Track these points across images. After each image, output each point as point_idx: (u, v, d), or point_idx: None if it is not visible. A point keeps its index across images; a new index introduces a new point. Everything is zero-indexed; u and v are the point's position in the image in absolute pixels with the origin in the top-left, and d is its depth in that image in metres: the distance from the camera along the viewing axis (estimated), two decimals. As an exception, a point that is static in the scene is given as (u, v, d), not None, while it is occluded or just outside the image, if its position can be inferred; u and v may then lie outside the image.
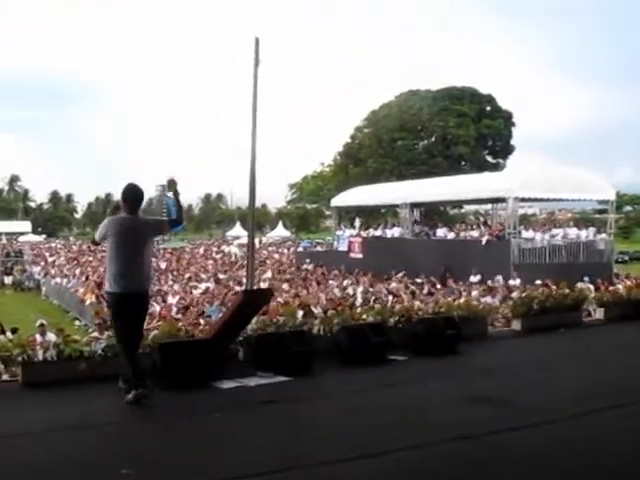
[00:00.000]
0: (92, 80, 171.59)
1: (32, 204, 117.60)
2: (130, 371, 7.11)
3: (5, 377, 8.43)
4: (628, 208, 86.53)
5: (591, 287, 18.19)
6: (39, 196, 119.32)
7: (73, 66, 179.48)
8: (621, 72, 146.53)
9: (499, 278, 23.16)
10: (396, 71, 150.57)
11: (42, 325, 12.24)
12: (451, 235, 30.82)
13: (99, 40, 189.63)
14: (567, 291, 13.27)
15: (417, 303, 13.98)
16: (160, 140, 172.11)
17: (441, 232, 31.72)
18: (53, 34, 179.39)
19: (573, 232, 27.59)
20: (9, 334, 13.78)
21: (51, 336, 10.84)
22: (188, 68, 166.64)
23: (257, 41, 9.00)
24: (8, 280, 41.16)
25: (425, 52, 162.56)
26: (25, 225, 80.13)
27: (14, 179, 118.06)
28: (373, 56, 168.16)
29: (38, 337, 10.76)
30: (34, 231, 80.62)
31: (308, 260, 36.95)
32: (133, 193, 7.25)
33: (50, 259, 45.33)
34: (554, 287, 14.93)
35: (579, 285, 16.35)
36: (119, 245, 7.06)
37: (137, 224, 7.22)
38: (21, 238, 67.67)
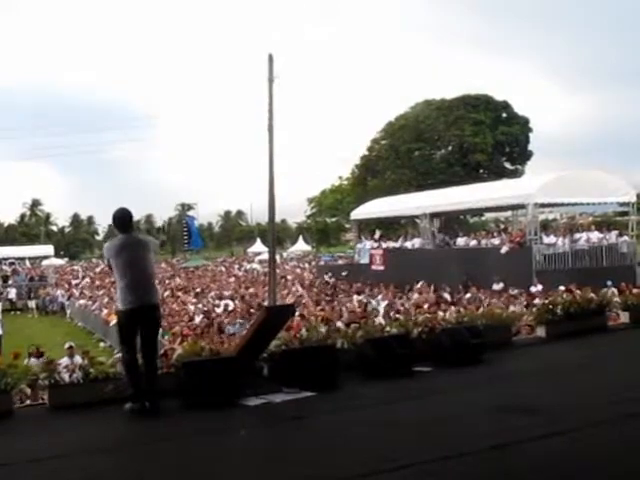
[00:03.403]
0: (106, 101, 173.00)
1: (54, 228, 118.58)
2: (131, 387, 7.49)
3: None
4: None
5: (615, 291, 18.02)
6: (60, 220, 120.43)
7: (86, 87, 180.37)
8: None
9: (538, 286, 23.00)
10: (408, 80, 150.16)
11: (71, 347, 12.34)
12: (472, 243, 30.72)
13: (111, 60, 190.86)
14: (591, 296, 13.15)
15: (441, 313, 13.94)
16: (178, 158, 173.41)
17: (461, 241, 31.61)
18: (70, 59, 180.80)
19: (595, 236, 27.39)
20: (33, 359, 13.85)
21: (78, 358, 10.92)
22: (204, 85, 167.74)
23: (271, 58, 9.08)
24: (32, 304, 41.51)
25: (436, 61, 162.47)
26: (47, 249, 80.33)
27: (35, 203, 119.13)
28: (384, 66, 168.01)
29: (66, 359, 10.82)
30: (56, 254, 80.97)
31: (330, 274, 36.94)
32: (121, 215, 7.77)
33: (73, 282, 45.63)
34: (577, 292, 14.82)
35: (604, 290, 16.16)
36: (119, 264, 7.52)
37: (131, 241, 7.64)
38: (44, 262, 67.97)
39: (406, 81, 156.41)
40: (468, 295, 22.76)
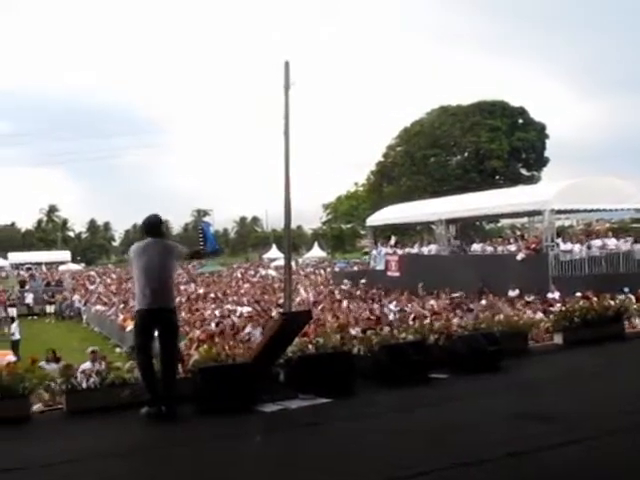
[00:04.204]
0: (120, 106, 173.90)
1: (71, 233, 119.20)
2: (147, 391, 7.53)
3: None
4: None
5: (632, 298, 17.92)
6: (77, 225, 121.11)
7: (107, 95, 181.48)
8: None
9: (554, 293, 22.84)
10: (426, 87, 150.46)
11: (94, 352, 12.29)
12: (488, 250, 30.68)
13: (125, 65, 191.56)
14: (608, 303, 13.07)
15: (456, 320, 13.90)
16: (194, 164, 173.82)
17: (477, 247, 31.57)
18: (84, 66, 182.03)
19: (611, 243, 27.27)
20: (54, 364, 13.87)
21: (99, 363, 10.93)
22: (219, 91, 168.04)
23: (287, 65, 9.09)
24: (50, 309, 41.72)
25: (452, 67, 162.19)
26: (64, 254, 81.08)
27: (52, 209, 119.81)
28: (392, 68, 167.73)
29: (89, 364, 10.83)
30: (73, 260, 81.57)
31: (345, 280, 36.95)
32: (148, 220, 7.97)
33: (90, 287, 45.81)
34: (594, 299, 14.75)
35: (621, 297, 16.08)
36: (139, 266, 7.63)
37: (154, 245, 7.75)
38: (61, 267, 68.53)
39: (415, 83, 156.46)
40: (483, 302, 22.70)
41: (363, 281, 35.32)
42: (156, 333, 7.65)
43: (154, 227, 7.92)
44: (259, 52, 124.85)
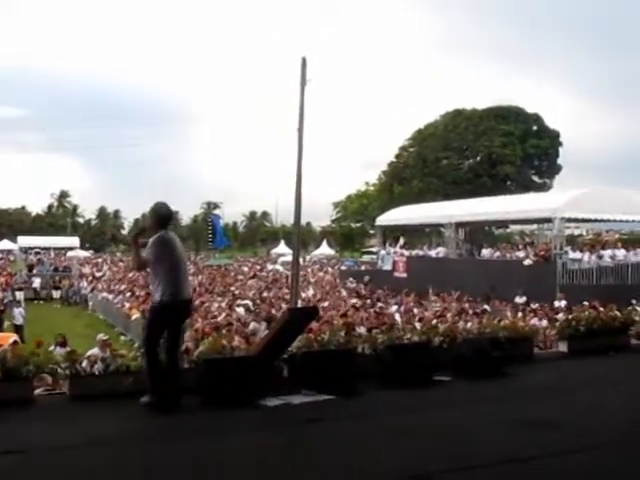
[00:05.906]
0: (136, 96, 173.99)
1: (80, 220, 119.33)
2: (150, 380, 7.49)
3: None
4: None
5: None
6: (87, 212, 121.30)
7: (123, 86, 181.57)
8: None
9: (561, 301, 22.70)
10: (441, 89, 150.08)
11: (105, 341, 11.96)
12: (496, 255, 30.63)
13: (145, 55, 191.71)
14: (615, 313, 13.02)
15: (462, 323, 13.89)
16: (206, 157, 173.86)
17: (486, 252, 31.51)
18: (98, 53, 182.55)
19: (621, 253, 27.18)
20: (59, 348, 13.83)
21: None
22: (235, 86, 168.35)
23: (304, 61, 9.07)
24: (56, 294, 41.85)
25: (468, 71, 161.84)
26: (73, 240, 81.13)
27: (63, 195, 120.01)
28: (415, 76, 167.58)
29: (96, 350, 10.79)
30: (82, 246, 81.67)
31: (351, 279, 36.95)
32: (166, 211, 7.81)
33: (97, 274, 45.89)
34: (601, 309, 14.71)
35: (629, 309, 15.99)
36: (166, 258, 7.52)
37: (174, 237, 7.78)
38: (69, 253, 68.55)
39: (429, 86, 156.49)
40: (486, 307, 22.57)
41: (366, 278, 35.33)
42: None
43: (170, 218, 7.90)
44: (274, 47, 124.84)
